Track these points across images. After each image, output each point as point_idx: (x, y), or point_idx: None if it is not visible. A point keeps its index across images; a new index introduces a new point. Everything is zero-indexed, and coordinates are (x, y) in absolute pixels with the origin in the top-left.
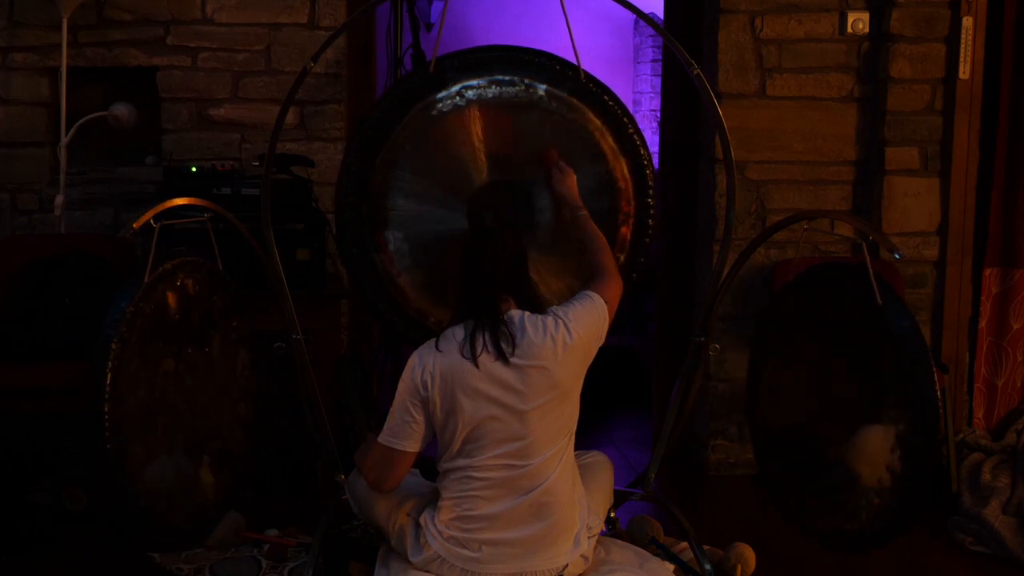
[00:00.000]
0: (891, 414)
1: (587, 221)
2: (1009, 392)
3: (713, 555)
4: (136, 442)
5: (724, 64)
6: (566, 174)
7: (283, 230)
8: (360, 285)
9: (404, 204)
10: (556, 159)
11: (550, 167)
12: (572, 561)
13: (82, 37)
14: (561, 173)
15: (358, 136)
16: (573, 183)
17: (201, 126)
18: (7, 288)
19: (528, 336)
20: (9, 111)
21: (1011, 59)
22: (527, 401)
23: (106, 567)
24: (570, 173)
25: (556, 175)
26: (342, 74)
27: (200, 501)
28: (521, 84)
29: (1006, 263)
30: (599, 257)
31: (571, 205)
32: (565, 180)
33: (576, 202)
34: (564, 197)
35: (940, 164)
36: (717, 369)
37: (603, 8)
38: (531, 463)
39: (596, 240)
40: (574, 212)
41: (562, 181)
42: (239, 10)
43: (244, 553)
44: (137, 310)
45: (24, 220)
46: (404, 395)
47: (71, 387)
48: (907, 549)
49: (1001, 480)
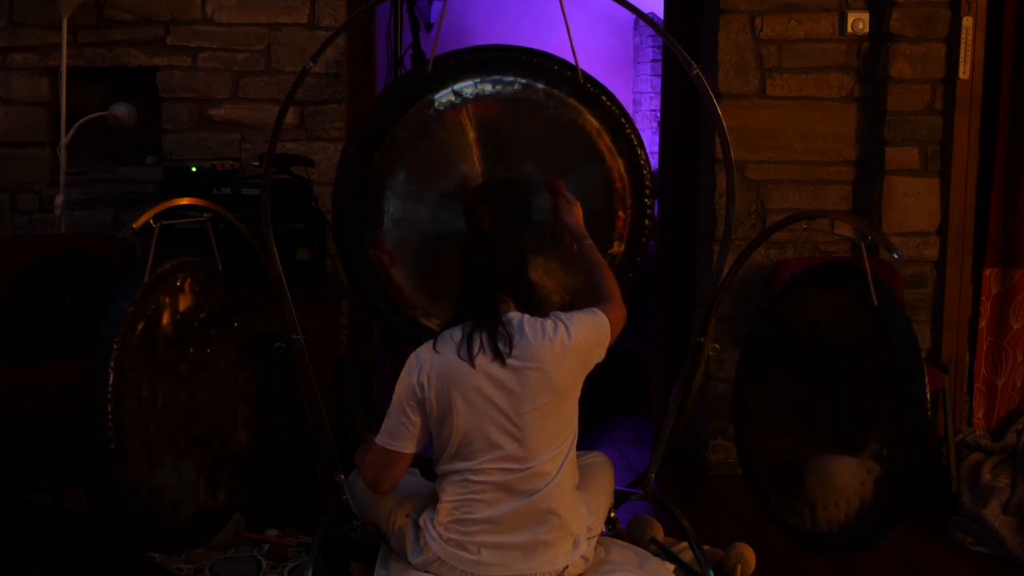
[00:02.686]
0: (881, 416)
1: (592, 250)
2: (1009, 392)
3: (713, 555)
4: (137, 442)
5: (724, 64)
6: (572, 205)
7: (283, 230)
8: (359, 285)
9: (402, 203)
10: (563, 190)
11: (556, 197)
12: (572, 562)
13: (82, 37)
14: (568, 204)
15: (356, 135)
16: (579, 214)
17: (201, 126)
18: (7, 288)
19: (527, 337)
20: (9, 111)
21: (1011, 59)
22: (524, 403)
23: (106, 567)
24: (576, 204)
25: (563, 205)
26: (342, 74)
27: (200, 501)
28: (519, 84)
29: (1006, 263)
30: (604, 284)
31: (577, 235)
32: (571, 211)
33: (581, 232)
34: (570, 227)
35: (940, 164)
36: (717, 369)
37: (603, 8)
38: (529, 466)
39: (601, 268)
40: (580, 241)
41: (569, 212)
42: (239, 10)
43: (244, 553)
44: (137, 310)
45: (24, 220)
46: (401, 396)
47: (71, 387)
48: (907, 549)
49: (1001, 480)
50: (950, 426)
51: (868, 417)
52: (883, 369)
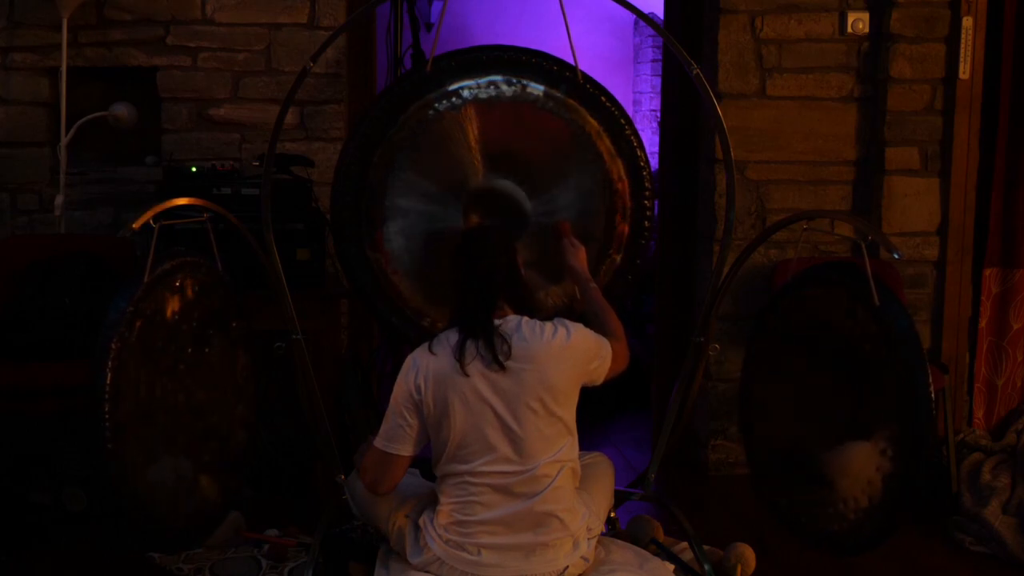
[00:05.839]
0: (885, 416)
1: (597, 293)
2: (1009, 392)
3: (713, 555)
4: (135, 442)
5: (724, 64)
6: (578, 249)
7: (283, 230)
8: (359, 285)
9: (401, 203)
10: (569, 233)
11: (562, 240)
12: (573, 563)
13: (82, 37)
14: (573, 248)
15: (355, 135)
16: (584, 258)
17: (201, 126)
18: (7, 288)
19: (524, 339)
20: (9, 111)
21: (1011, 59)
22: (521, 405)
23: (106, 567)
24: (581, 248)
25: (568, 249)
26: (342, 74)
27: (199, 501)
28: (518, 84)
29: (1006, 263)
30: (610, 326)
31: (582, 279)
32: (577, 255)
33: (586, 276)
34: (575, 271)
35: (940, 164)
36: (717, 369)
37: (603, 8)
38: (528, 468)
39: (607, 312)
40: (584, 285)
41: (574, 255)
42: (239, 10)
43: (244, 553)
44: (137, 310)
45: (24, 220)
46: (399, 399)
47: (71, 387)
48: (907, 549)
49: (1001, 480)
50: (950, 426)
51: (873, 414)
52: (887, 369)
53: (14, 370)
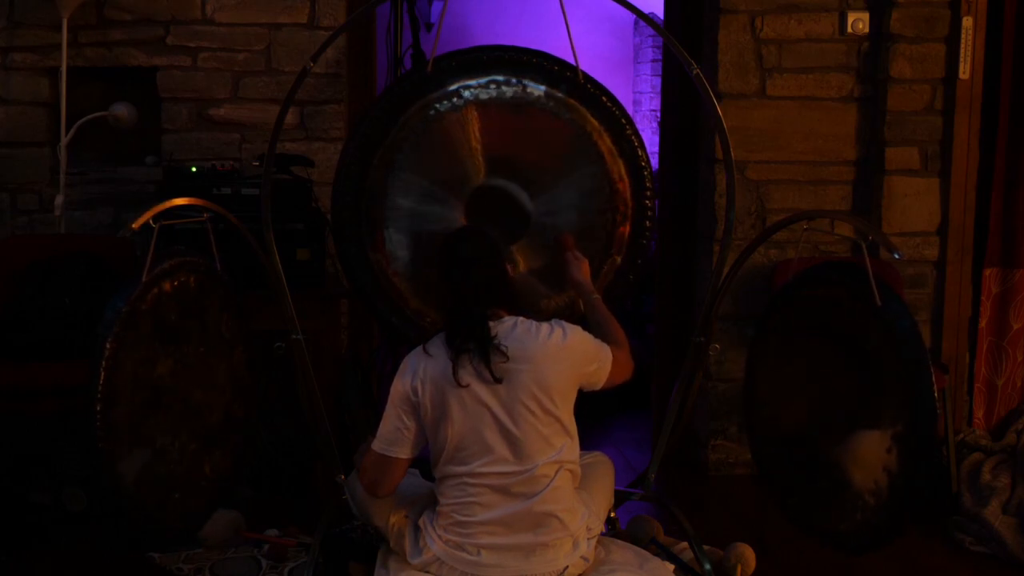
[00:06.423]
0: (888, 415)
1: (600, 304)
2: (1009, 392)
3: (713, 555)
4: (132, 442)
5: (724, 64)
6: (581, 262)
7: (283, 230)
8: (359, 285)
9: (401, 203)
10: (572, 246)
11: (565, 253)
12: (572, 563)
13: (82, 37)
14: (576, 260)
15: (356, 136)
16: (587, 270)
17: (201, 126)
18: (7, 288)
19: (520, 339)
20: (9, 111)
21: (1011, 59)
22: (517, 405)
23: (106, 567)
24: (584, 261)
25: (571, 261)
26: (342, 74)
27: (197, 501)
28: (519, 84)
29: (1006, 263)
30: (614, 336)
31: (585, 291)
32: (580, 267)
33: (589, 287)
34: (578, 283)
35: (940, 164)
36: (717, 369)
37: (603, 8)
38: (526, 468)
39: (610, 323)
40: (587, 297)
41: (577, 268)
42: (239, 10)
43: (244, 553)
44: (134, 310)
45: (24, 220)
46: (396, 401)
47: (71, 387)
48: (907, 549)
49: (1001, 480)
50: (950, 426)
51: (876, 413)
52: (889, 369)
53: (14, 370)
